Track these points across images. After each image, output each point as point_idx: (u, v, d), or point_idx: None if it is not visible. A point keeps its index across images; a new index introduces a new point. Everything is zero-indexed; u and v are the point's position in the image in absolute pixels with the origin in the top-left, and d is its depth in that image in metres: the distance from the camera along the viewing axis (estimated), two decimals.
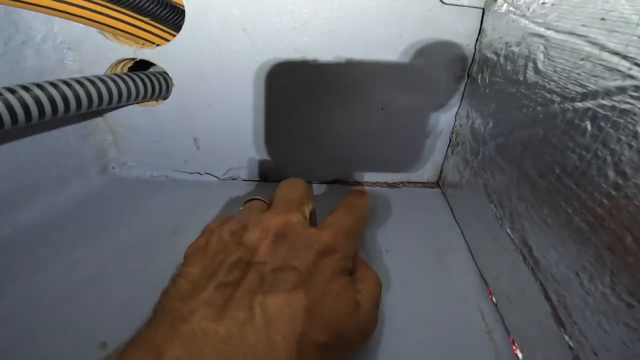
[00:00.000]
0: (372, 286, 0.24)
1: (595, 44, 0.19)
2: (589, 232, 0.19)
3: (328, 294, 0.21)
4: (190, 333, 0.17)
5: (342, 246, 0.23)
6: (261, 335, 0.18)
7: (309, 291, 0.20)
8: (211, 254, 0.22)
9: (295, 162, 0.43)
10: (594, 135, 0.18)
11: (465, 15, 0.32)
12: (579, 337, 0.20)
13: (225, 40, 0.35)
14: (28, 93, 0.28)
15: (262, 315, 0.18)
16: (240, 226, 0.24)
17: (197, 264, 0.22)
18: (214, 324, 0.18)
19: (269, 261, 0.21)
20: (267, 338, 0.18)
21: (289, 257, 0.21)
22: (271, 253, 0.22)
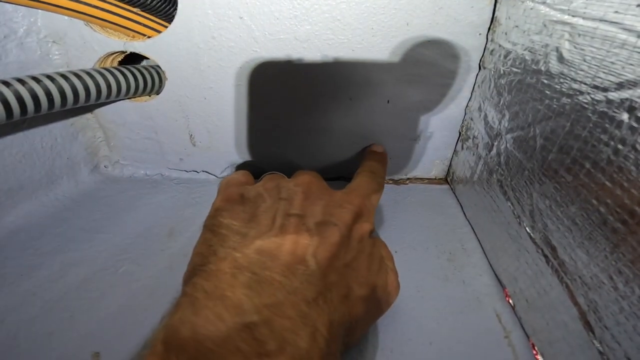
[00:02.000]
0: (387, 248, 0.26)
1: (632, 31, 0.17)
2: (625, 232, 0.17)
3: (363, 252, 0.22)
4: (255, 282, 0.17)
5: (369, 210, 0.25)
6: (319, 288, 0.18)
7: (349, 248, 0.21)
8: (250, 208, 0.22)
9: (298, 158, 0.41)
10: (632, 127, 0.17)
11: (477, 2, 0.31)
12: (610, 343, 0.19)
13: (221, 30, 0.33)
14: (8, 88, 0.26)
15: (316, 265, 0.18)
16: (274, 183, 0.24)
17: (237, 216, 0.22)
18: (272, 274, 0.17)
19: (309, 214, 0.21)
20: (324, 285, 0.18)
21: (327, 214, 0.22)
22: (310, 207, 0.22)
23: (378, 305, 0.22)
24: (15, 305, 0.27)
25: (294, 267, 0.18)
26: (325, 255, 0.19)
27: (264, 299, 0.16)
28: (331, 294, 0.18)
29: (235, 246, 0.19)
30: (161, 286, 0.29)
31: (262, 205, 0.22)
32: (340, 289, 0.19)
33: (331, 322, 0.17)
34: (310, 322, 0.16)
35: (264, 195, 0.23)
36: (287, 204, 0.22)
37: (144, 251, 0.32)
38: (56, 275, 0.29)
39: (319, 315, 0.17)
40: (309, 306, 0.17)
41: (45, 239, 0.33)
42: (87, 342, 0.25)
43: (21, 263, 0.30)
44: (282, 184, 0.24)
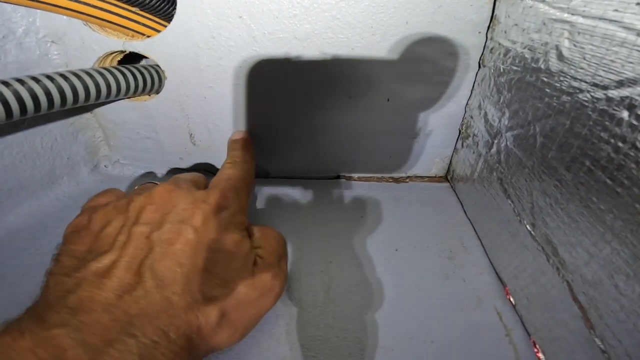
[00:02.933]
0: (273, 240, 0.25)
1: (631, 30, 0.17)
2: (625, 230, 0.17)
3: (221, 251, 0.21)
4: (76, 301, 0.17)
5: (231, 202, 0.24)
6: (154, 295, 0.18)
7: (201, 249, 0.20)
8: (96, 230, 0.21)
9: (296, 157, 0.41)
10: (632, 125, 0.17)
11: (476, 0, 0.30)
12: (611, 340, 0.19)
13: (220, 29, 0.33)
14: (8, 88, 0.26)
15: (153, 278, 0.18)
16: (127, 199, 0.23)
17: (80, 241, 0.21)
18: (102, 291, 0.17)
19: (156, 224, 0.21)
20: (162, 298, 0.18)
21: (177, 219, 0.21)
22: (157, 217, 0.21)
23: (247, 307, 0.21)
24: (16, 306, 0.27)
25: (129, 284, 0.18)
26: (166, 265, 0.19)
27: (79, 316, 0.16)
28: (172, 304, 0.18)
29: (67, 271, 0.19)
30: None
31: (107, 225, 0.21)
32: (185, 297, 0.18)
33: (164, 332, 0.17)
34: (126, 331, 0.16)
35: (111, 214, 0.22)
36: (134, 219, 0.21)
37: None
38: None
39: (141, 324, 0.17)
40: (130, 316, 0.17)
41: (46, 239, 0.33)
42: None
43: (22, 263, 0.30)
44: (134, 198, 0.22)
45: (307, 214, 0.38)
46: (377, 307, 0.28)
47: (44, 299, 0.18)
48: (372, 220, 0.36)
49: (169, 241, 0.20)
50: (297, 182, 0.42)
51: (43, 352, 0.15)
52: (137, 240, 0.20)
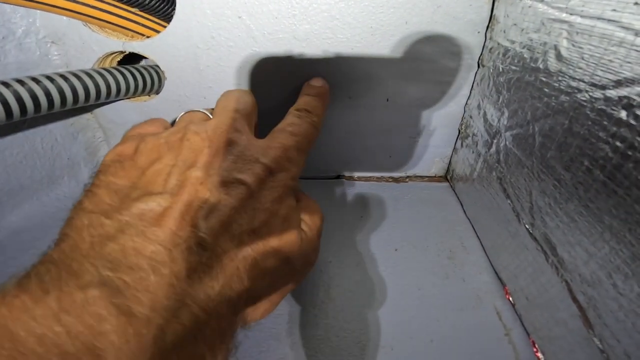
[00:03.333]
0: (316, 216, 0.23)
1: (629, 29, 0.17)
2: (624, 229, 0.17)
3: (276, 216, 0.19)
4: (119, 253, 0.14)
5: (292, 163, 0.21)
6: (207, 256, 0.15)
7: (256, 209, 0.18)
8: (143, 164, 0.19)
9: None
10: (630, 125, 0.17)
11: (475, 1, 0.30)
12: (610, 340, 0.19)
13: (220, 30, 0.33)
14: (8, 89, 0.26)
15: (210, 235, 0.16)
16: (180, 134, 0.20)
17: (122, 173, 0.18)
18: (151, 243, 0.14)
19: (213, 172, 0.18)
20: (216, 261, 0.16)
21: (235, 170, 0.19)
22: (215, 164, 0.19)
23: (290, 277, 0.20)
24: None
25: (178, 233, 0.15)
26: (220, 220, 0.16)
27: (121, 273, 0.13)
28: (220, 264, 0.16)
29: (107, 210, 0.16)
30: None
31: (157, 161, 0.19)
32: (235, 258, 0.17)
33: (209, 296, 0.15)
34: (177, 297, 0.14)
35: (163, 149, 0.19)
36: (189, 160, 0.18)
37: None
38: None
39: (193, 289, 0.14)
40: (181, 278, 0.14)
41: (48, 239, 0.32)
42: None
43: (24, 263, 0.30)
44: (188, 135, 0.20)
45: None
46: (377, 306, 0.28)
47: (73, 243, 0.15)
48: (372, 220, 0.36)
49: (224, 193, 0.17)
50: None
51: (72, 320, 0.12)
52: (192, 186, 0.17)
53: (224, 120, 0.21)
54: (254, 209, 0.18)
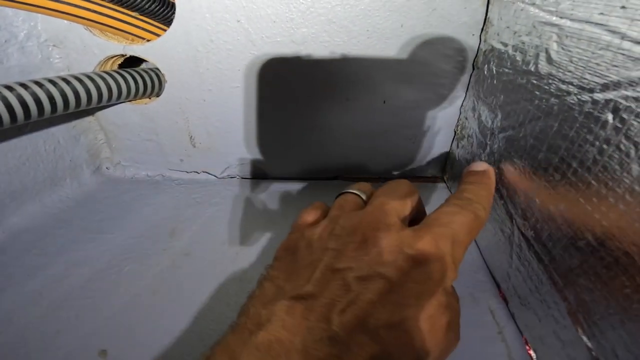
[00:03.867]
0: (455, 312, 0.21)
1: (616, 33, 0.18)
2: (611, 230, 0.18)
3: (421, 313, 0.17)
4: (266, 342, 0.16)
5: (443, 255, 0.19)
6: (338, 349, 0.16)
7: (396, 304, 0.17)
8: (299, 258, 0.21)
9: (295, 158, 0.42)
10: (616, 127, 0.17)
11: (470, 3, 0.31)
12: (599, 338, 0.19)
13: (219, 33, 0.33)
14: (12, 93, 0.26)
15: (342, 329, 0.16)
16: (330, 228, 0.21)
17: (283, 267, 0.21)
18: (291, 334, 0.16)
19: (355, 267, 0.18)
20: (346, 353, 0.16)
21: (377, 263, 0.18)
22: (358, 257, 0.19)
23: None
24: (22, 305, 0.28)
25: (316, 325, 0.17)
26: (355, 314, 0.17)
27: None
28: (352, 356, 0.16)
29: (266, 302, 0.19)
30: (164, 285, 0.30)
31: (308, 256, 0.20)
32: (369, 351, 0.16)
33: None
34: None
35: (314, 246, 0.21)
36: (334, 255, 0.19)
37: (147, 251, 0.33)
38: (61, 275, 0.30)
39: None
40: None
41: (50, 240, 0.34)
42: (94, 340, 0.25)
43: (27, 263, 0.31)
44: (336, 230, 0.21)
45: None
46: None
47: (241, 328, 0.18)
48: None
49: (361, 288, 0.17)
50: (295, 184, 0.43)
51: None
52: (331, 280, 0.18)
53: (372, 211, 0.21)
54: (394, 304, 0.17)
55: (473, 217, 0.21)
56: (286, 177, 0.44)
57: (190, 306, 0.28)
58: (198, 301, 0.29)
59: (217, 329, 0.27)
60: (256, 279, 0.30)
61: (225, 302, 0.29)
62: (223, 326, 0.27)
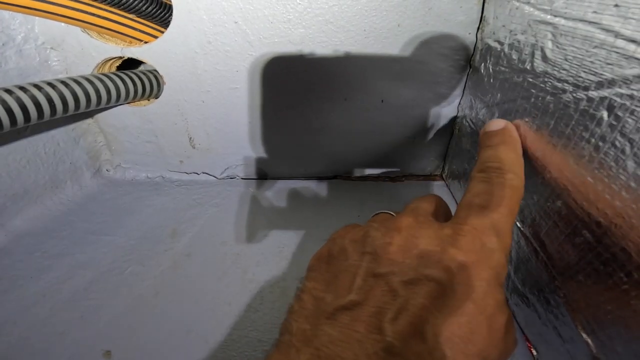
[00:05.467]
0: (512, 325, 0.19)
1: (610, 31, 0.18)
2: (607, 226, 0.18)
3: (477, 317, 0.16)
4: (315, 356, 0.15)
5: (489, 249, 0.17)
6: (388, 357, 0.15)
7: (451, 309, 0.16)
8: (333, 266, 0.20)
9: (294, 158, 0.42)
10: (611, 125, 0.18)
11: (466, 2, 0.31)
12: (599, 335, 0.19)
13: (216, 35, 0.33)
14: (11, 96, 0.27)
15: (398, 339, 0.15)
16: (362, 232, 0.20)
17: (319, 277, 0.20)
18: (340, 349, 0.15)
19: (397, 271, 0.17)
20: (400, 358, 0.15)
21: (421, 265, 0.17)
22: (401, 260, 0.18)
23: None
24: (26, 307, 0.28)
25: (367, 337, 0.15)
26: (409, 321, 0.15)
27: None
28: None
29: (308, 315, 0.17)
30: (166, 286, 0.30)
31: (344, 262, 0.19)
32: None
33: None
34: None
35: (348, 250, 0.20)
36: (372, 259, 0.18)
37: (148, 252, 0.33)
38: (64, 277, 0.30)
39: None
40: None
41: (52, 242, 0.34)
42: (98, 341, 0.26)
43: (30, 266, 0.31)
44: (370, 232, 0.20)
45: (305, 214, 0.38)
46: None
47: (286, 348, 0.17)
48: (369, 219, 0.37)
49: (410, 293, 0.16)
50: (295, 183, 0.43)
51: None
52: (379, 290, 0.17)
53: (405, 214, 0.20)
54: (449, 307, 0.16)
55: (508, 190, 0.19)
56: (286, 177, 0.44)
57: (192, 306, 0.29)
58: (200, 301, 0.29)
59: (219, 328, 0.27)
60: (257, 278, 0.31)
61: (226, 302, 0.29)
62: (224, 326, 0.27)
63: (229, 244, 0.35)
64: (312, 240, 0.35)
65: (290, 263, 0.32)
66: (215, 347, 0.26)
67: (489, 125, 0.23)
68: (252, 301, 0.29)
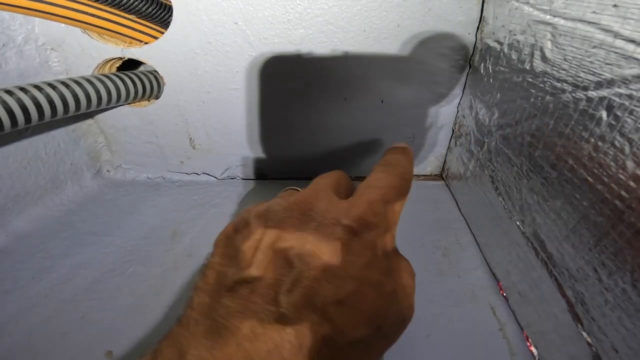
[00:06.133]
0: (407, 274, 0.20)
1: (609, 31, 0.18)
2: (607, 226, 0.18)
3: (367, 283, 0.17)
4: (214, 330, 0.16)
5: (381, 219, 0.19)
6: (289, 334, 0.16)
7: (342, 279, 0.17)
8: (237, 242, 0.20)
9: (294, 158, 0.42)
10: (611, 124, 0.18)
11: (465, 3, 0.31)
12: (598, 334, 0.19)
13: (217, 35, 0.33)
14: (12, 97, 0.27)
15: (290, 310, 0.16)
16: (265, 206, 0.21)
17: (224, 252, 0.20)
18: (237, 320, 0.16)
19: (296, 243, 0.18)
20: (296, 337, 0.16)
21: (318, 238, 0.18)
22: (299, 233, 0.18)
23: (383, 341, 0.19)
24: (28, 307, 0.28)
25: (263, 308, 0.16)
26: (302, 293, 0.16)
27: (216, 351, 0.15)
28: (306, 337, 0.16)
29: (209, 290, 0.18)
30: (167, 286, 0.30)
31: (247, 237, 0.20)
32: (320, 331, 0.16)
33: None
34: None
35: (252, 224, 0.20)
36: (274, 233, 0.19)
37: (149, 252, 0.33)
38: (66, 278, 0.30)
39: None
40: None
41: (53, 243, 0.34)
42: (100, 340, 0.26)
43: (31, 267, 0.31)
44: (272, 207, 0.20)
45: None
46: None
47: (186, 321, 0.17)
48: None
49: (304, 264, 0.17)
50: (294, 184, 0.43)
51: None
52: (277, 263, 0.17)
53: (307, 190, 0.21)
54: (338, 278, 0.17)
55: (398, 178, 0.22)
56: (286, 177, 0.44)
57: None
58: None
59: None
60: None
61: None
62: None
63: None
64: None
65: None
66: None
67: (394, 144, 0.26)
68: None
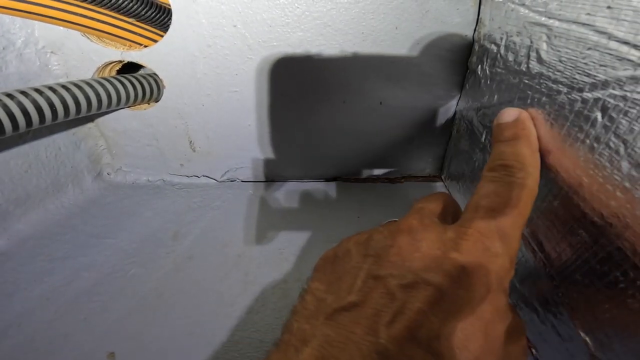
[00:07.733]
0: (517, 317, 0.19)
1: (603, 33, 0.18)
2: (603, 226, 0.18)
3: (474, 323, 0.16)
4: (311, 357, 0.15)
5: (493, 253, 0.17)
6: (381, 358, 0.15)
7: (447, 314, 0.16)
8: (337, 267, 0.20)
9: (294, 160, 0.42)
10: (606, 126, 0.18)
11: (462, 5, 0.31)
12: (597, 333, 0.19)
13: (216, 39, 0.34)
14: (12, 101, 0.27)
15: (392, 342, 0.15)
16: (367, 234, 0.20)
17: (323, 278, 0.20)
18: (337, 350, 0.15)
19: (397, 274, 0.17)
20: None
21: (421, 269, 0.17)
22: (399, 263, 0.17)
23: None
24: (30, 310, 0.28)
25: (363, 339, 0.15)
26: (404, 325, 0.15)
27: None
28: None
29: (309, 316, 0.18)
30: (168, 287, 0.30)
31: (347, 264, 0.19)
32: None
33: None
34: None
35: (352, 252, 0.20)
36: (374, 261, 0.18)
37: (150, 255, 0.34)
38: (68, 280, 0.31)
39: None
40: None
41: (55, 246, 0.34)
42: (102, 342, 0.26)
43: (33, 269, 0.31)
44: (374, 235, 0.20)
45: (305, 216, 0.39)
46: None
47: (285, 345, 0.17)
48: (368, 220, 0.37)
49: (407, 296, 0.16)
50: (295, 186, 0.43)
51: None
52: (377, 293, 0.17)
53: (409, 216, 0.20)
54: (446, 312, 0.16)
55: (518, 191, 0.18)
56: (286, 179, 0.44)
57: (194, 308, 0.29)
58: (202, 303, 0.29)
59: (221, 329, 0.27)
60: (258, 280, 0.31)
61: (228, 303, 0.29)
62: (226, 327, 0.27)
63: (230, 246, 0.35)
64: (312, 241, 0.35)
65: (291, 265, 0.32)
66: (218, 348, 0.26)
67: (501, 115, 0.22)
68: (254, 303, 0.29)
